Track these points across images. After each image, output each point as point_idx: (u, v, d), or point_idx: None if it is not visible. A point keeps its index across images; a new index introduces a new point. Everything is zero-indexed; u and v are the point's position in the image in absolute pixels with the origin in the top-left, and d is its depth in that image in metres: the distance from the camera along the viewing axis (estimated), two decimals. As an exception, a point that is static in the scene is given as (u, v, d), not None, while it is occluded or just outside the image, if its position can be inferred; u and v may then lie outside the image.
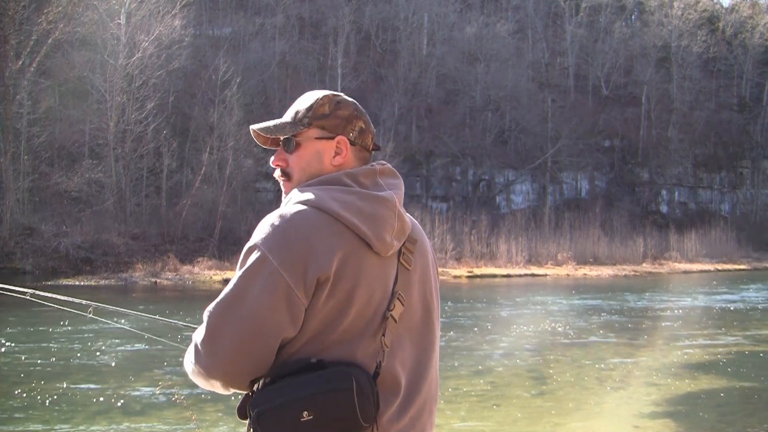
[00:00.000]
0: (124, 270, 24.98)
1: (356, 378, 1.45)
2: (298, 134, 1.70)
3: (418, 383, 1.64)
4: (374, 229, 1.56)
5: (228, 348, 1.52)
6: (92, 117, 29.92)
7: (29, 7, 27.44)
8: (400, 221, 1.63)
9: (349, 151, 1.68)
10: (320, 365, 1.48)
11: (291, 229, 1.52)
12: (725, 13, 61.51)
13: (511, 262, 33.28)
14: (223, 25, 45.25)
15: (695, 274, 35.65)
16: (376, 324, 1.57)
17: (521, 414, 7.96)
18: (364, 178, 1.64)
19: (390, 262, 1.62)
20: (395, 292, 1.60)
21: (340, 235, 1.53)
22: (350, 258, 1.53)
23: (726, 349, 12.77)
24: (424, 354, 1.68)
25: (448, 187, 43.68)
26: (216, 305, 1.55)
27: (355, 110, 1.71)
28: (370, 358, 1.54)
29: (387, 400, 1.56)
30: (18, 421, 7.31)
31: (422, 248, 1.72)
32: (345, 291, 1.52)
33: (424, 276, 1.71)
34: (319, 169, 1.68)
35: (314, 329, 1.53)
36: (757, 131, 55.62)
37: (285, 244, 1.50)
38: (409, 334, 1.65)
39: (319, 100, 1.70)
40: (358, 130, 1.69)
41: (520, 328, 14.86)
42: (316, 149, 1.69)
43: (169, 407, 7.51)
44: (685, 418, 8.06)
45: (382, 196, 1.61)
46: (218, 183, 31.15)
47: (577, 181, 48.47)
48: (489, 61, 47.20)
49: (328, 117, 1.68)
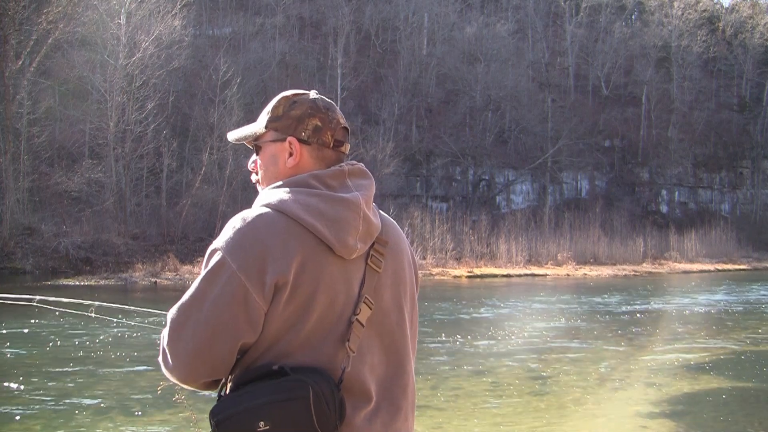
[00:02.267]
0: (124, 270, 24.98)
1: (313, 386, 1.43)
2: (259, 138, 1.70)
3: (390, 388, 1.62)
4: (336, 231, 1.53)
5: (186, 351, 1.51)
6: (92, 117, 29.92)
7: (29, 7, 27.41)
8: (365, 223, 1.59)
9: (303, 151, 1.65)
10: (282, 372, 1.46)
11: (250, 232, 1.50)
12: (725, 13, 61.53)
13: (511, 262, 33.28)
14: (223, 25, 45.25)
15: (695, 274, 35.64)
16: (341, 329, 1.54)
17: (521, 414, 7.96)
18: (332, 180, 1.61)
19: (355, 265, 1.59)
20: (361, 296, 1.57)
21: (300, 238, 1.51)
22: (310, 262, 1.51)
23: (726, 349, 12.77)
24: (396, 358, 1.64)
25: (448, 187, 43.68)
26: (177, 308, 1.54)
27: (311, 108, 1.66)
28: (334, 363, 1.51)
29: (355, 407, 1.53)
30: (18, 422, 7.31)
31: (395, 250, 1.69)
32: (305, 295, 1.50)
33: (396, 278, 1.67)
34: (275, 171, 1.67)
35: (275, 334, 1.50)
36: (757, 131, 55.62)
37: (244, 248, 1.49)
38: (381, 338, 1.62)
39: (276, 103, 1.69)
40: (312, 129, 1.65)
41: (520, 328, 14.86)
42: (271, 152, 1.68)
43: (169, 407, 7.51)
44: (685, 418, 8.06)
45: (346, 198, 1.58)
46: (218, 183, 31.15)
47: (577, 181, 48.47)
48: (489, 61, 47.19)
49: (281, 118, 1.66)
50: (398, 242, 1.72)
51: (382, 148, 36.27)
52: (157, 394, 7.37)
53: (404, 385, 1.65)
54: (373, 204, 1.67)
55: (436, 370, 10.24)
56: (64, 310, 2.83)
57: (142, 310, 2.92)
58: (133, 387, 8.82)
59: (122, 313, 2.42)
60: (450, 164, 43.87)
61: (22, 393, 8.51)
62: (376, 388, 1.59)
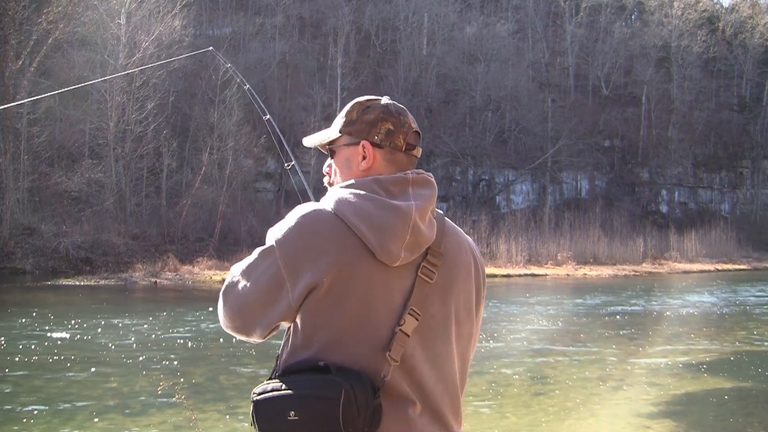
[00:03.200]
0: (124, 270, 24.98)
1: (347, 390, 1.47)
2: (333, 143, 1.79)
3: (432, 399, 1.63)
4: (380, 238, 1.56)
5: (230, 308, 1.69)
6: (92, 117, 29.92)
7: (29, 7, 27.41)
8: (414, 233, 1.60)
9: (376, 155, 1.71)
10: (326, 369, 1.52)
11: (298, 227, 1.60)
12: (725, 13, 61.53)
13: (511, 262, 33.27)
14: (223, 25, 45.26)
15: (695, 274, 35.64)
16: (382, 336, 1.57)
17: (521, 414, 7.96)
18: (394, 186, 1.65)
19: (402, 273, 1.61)
20: (407, 307, 1.60)
21: (344, 239, 1.57)
22: (349, 263, 1.56)
23: (726, 349, 12.77)
24: (440, 369, 1.66)
25: (448, 186, 43.67)
26: (238, 269, 1.69)
27: (383, 112, 1.72)
28: (376, 370, 1.56)
29: (394, 414, 1.56)
30: (18, 421, 7.31)
31: (452, 262, 1.70)
32: (339, 294, 1.55)
33: (449, 290, 1.68)
34: (349, 174, 1.74)
35: (313, 327, 1.57)
36: (757, 131, 55.62)
37: (290, 242, 1.59)
38: (426, 349, 1.64)
39: (350, 108, 1.76)
40: (384, 132, 1.71)
41: (520, 327, 14.86)
42: (345, 156, 1.75)
43: (169, 407, 7.51)
44: (685, 418, 8.06)
45: (399, 207, 1.60)
46: (218, 183, 31.15)
47: (577, 181, 48.47)
48: (489, 61, 47.19)
49: (354, 123, 1.73)
50: (457, 254, 1.72)
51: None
52: (157, 394, 7.39)
53: (446, 395, 1.67)
54: (438, 213, 1.71)
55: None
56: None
57: None
58: (133, 387, 8.82)
59: None
60: (450, 164, 43.87)
61: (22, 393, 8.51)
62: (419, 397, 1.61)
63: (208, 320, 15.11)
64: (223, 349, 11.71)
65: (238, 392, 8.79)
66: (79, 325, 13.67)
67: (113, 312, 16.15)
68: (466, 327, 1.75)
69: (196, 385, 9.06)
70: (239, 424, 7.37)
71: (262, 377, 10.64)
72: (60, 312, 15.69)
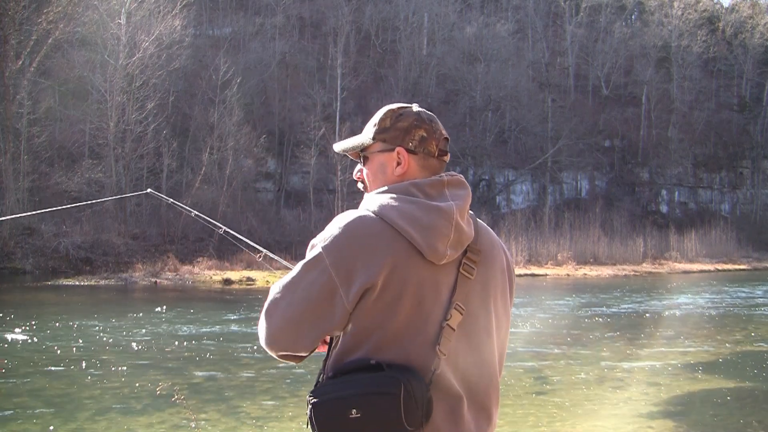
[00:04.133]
0: (124, 270, 24.98)
1: (405, 384, 1.54)
2: (366, 149, 1.84)
3: (477, 390, 1.71)
4: (427, 238, 1.63)
5: (276, 324, 1.69)
6: (92, 117, 29.92)
7: (29, 7, 27.41)
8: (457, 232, 1.68)
9: (410, 161, 1.77)
10: (378, 367, 1.58)
11: (348, 233, 1.64)
12: (725, 13, 61.52)
13: (511, 262, 33.22)
14: (223, 25, 45.26)
15: (695, 274, 35.64)
16: (432, 331, 1.64)
17: (521, 414, 7.96)
18: (431, 189, 1.72)
19: (446, 271, 1.68)
20: (452, 302, 1.67)
21: (393, 242, 1.63)
22: (400, 265, 1.62)
23: (726, 349, 12.77)
24: (483, 361, 1.74)
25: (448, 187, 43.61)
26: (278, 286, 1.71)
27: (416, 120, 1.78)
28: (426, 364, 1.62)
29: (442, 407, 1.63)
30: (18, 422, 7.31)
31: (488, 258, 1.78)
32: (392, 296, 1.61)
33: (487, 285, 1.76)
34: (384, 180, 1.79)
35: (366, 330, 1.62)
36: (757, 131, 55.60)
37: (340, 247, 1.63)
38: (469, 342, 1.70)
39: (383, 115, 1.81)
40: (418, 139, 1.77)
41: (520, 328, 14.86)
42: (380, 162, 1.81)
43: (169, 407, 7.51)
44: (685, 418, 8.06)
45: (441, 207, 1.68)
46: (218, 183, 31.15)
47: (577, 181, 48.47)
48: (489, 61, 47.18)
49: (388, 130, 1.78)
50: (491, 250, 1.80)
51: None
52: (157, 394, 7.39)
53: (489, 387, 1.75)
54: (470, 213, 1.78)
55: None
56: (240, 246, 3.07)
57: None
58: (133, 387, 8.82)
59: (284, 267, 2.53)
60: (450, 164, 43.46)
61: (22, 393, 8.52)
62: (464, 389, 1.68)
63: (207, 320, 15.11)
64: (223, 349, 11.71)
65: (238, 392, 8.80)
66: (79, 325, 13.67)
67: (113, 312, 16.15)
68: (504, 320, 1.84)
69: (196, 385, 9.06)
70: (239, 424, 7.37)
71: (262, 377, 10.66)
72: (60, 312, 15.69)
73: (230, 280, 24.43)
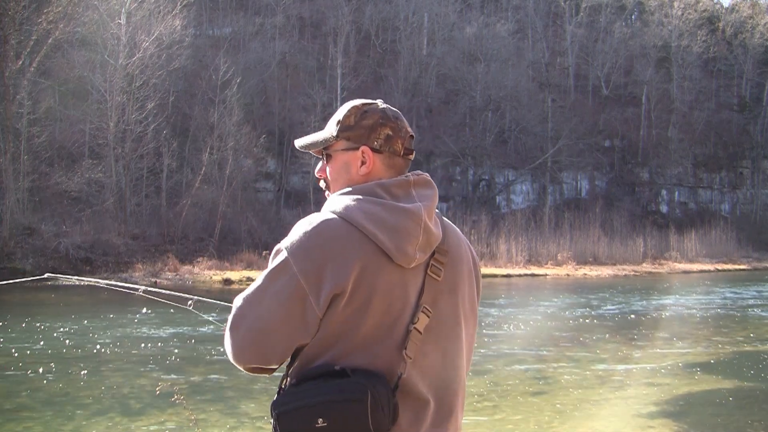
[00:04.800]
0: (124, 270, 24.98)
1: (372, 390, 1.50)
2: (329, 147, 1.76)
3: (444, 394, 1.68)
4: (396, 240, 1.59)
5: (243, 338, 1.61)
6: (92, 117, 29.91)
7: (29, 7, 27.39)
8: (426, 234, 1.63)
9: (375, 160, 1.71)
10: (343, 373, 1.54)
11: (314, 237, 1.58)
12: (725, 13, 61.50)
13: (511, 262, 33.27)
14: (223, 25, 45.24)
15: (695, 274, 35.63)
16: (399, 335, 1.60)
17: (521, 414, 7.96)
18: (397, 189, 1.67)
19: (414, 273, 1.64)
20: (420, 305, 1.63)
21: (360, 245, 1.57)
22: (368, 269, 1.57)
23: (725, 349, 12.77)
24: (451, 364, 1.70)
25: (448, 187, 43.65)
26: (242, 298, 1.64)
27: (381, 117, 1.72)
28: (392, 369, 1.58)
29: (408, 411, 1.59)
30: (18, 421, 7.31)
31: (455, 259, 1.74)
32: (361, 300, 1.56)
33: (455, 286, 1.72)
34: (347, 180, 1.73)
35: (333, 335, 1.58)
36: (757, 131, 55.59)
37: (307, 252, 1.57)
38: (437, 345, 1.67)
39: (347, 112, 1.74)
40: (384, 138, 1.71)
41: (520, 328, 14.86)
42: (344, 161, 1.74)
43: (169, 407, 7.51)
44: (685, 418, 8.06)
45: (408, 209, 1.62)
46: (218, 183, 31.14)
47: (577, 181, 48.46)
48: (489, 61, 47.17)
49: (352, 128, 1.72)
50: (459, 251, 1.76)
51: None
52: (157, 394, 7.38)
53: (456, 390, 1.72)
54: (436, 212, 1.73)
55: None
56: (165, 301, 2.96)
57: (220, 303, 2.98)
58: (133, 387, 8.82)
59: (219, 309, 2.50)
60: (450, 164, 43.86)
61: (21, 393, 8.51)
62: (430, 392, 1.65)
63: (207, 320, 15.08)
64: (222, 349, 11.69)
65: (238, 392, 8.79)
66: (79, 325, 13.67)
67: (113, 312, 16.14)
68: (471, 321, 1.79)
69: (196, 385, 9.06)
70: (239, 424, 7.37)
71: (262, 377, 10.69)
72: (59, 312, 15.69)
73: (230, 280, 24.43)
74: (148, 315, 15.51)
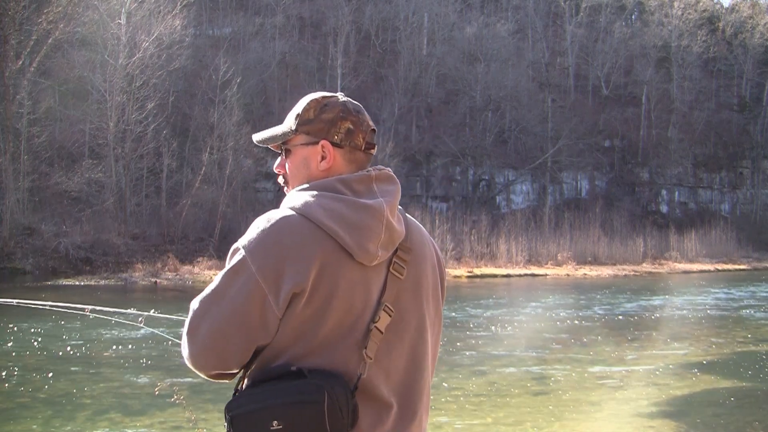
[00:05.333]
0: (124, 270, 24.98)
1: (329, 391, 1.45)
2: (288, 142, 1.71)
3: (407, 394, 1.62)
4: (357, 238, 1.54)
5: (202, 342, 1.54)
6: (92, 117, 29.92)
7: (29, 7, 27.41)
8: (388, 231, 1.59)
9: (336, 155, 1.66)
10: (299, 374, 1.48)
11: (273, 234, 1.52)
12: (725, 13, 61.51)
13: (511, 262, 33.27)
14: (223, 25, 45.24)
15: (695, 274, 35.63)
16: (359, 335, 1.55)
17: (521, 414, 7.96)
18: (358, 184, 1.61)
19: (376, 271, 1.59)
20: (381, 303, 1.58)
21: (321, 242, 1.52)
22: (328, 267, 1.51)
23: (725, 350, 12.77)
24: (414, 364, 1.65)
25: (448, 187, 43.67)
26: (199, 301, 1.57)
27: (342, 111, 1.66)
28: (351, 369, 1.53)
29: (370, 414, 1.54)
30: (18, 421, 7.31)
31: (418, 256, 1.68)
32: (322, 299, 1.51)
33: (418, 285, 1.67)
34: (307, 174, 1.68)
35: (293, 335, 1.52)
36: (757, 131, 55.60)
37: (265, 250, 1.51)
38: (400, 344, 1.62)
39: (306, 105, 1.68)
40: (344, 132, 1.65)
41: (520, 328, 14.86)
42: (303, 156, 1.68)
43: (169, 407, 7.51)
44: (685, 418, 8.06)
45: (369, 205, 1.58)
46: (218, 183, 31.15)
47: (577, 181, 48.46)
48: (489, 61, 47.18)
49: (312, 122, 1.66)
50: (422, 248, 1.71)
51: (382, 148, 36.27)
52: (157, 394, 7.38)
53: (420, 391, 1.66)
54: (399, 209, 1.67)
55: (436, 370, 10.22)
56: (116, 320, 2.91)
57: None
58: (133, 387, 8.82)
59: (169, 322, 2.48)
60: (450, 164, 43.86)
61: (21, 392, 8.51)
62: (392, 393, 1.60)
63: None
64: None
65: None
66: (79, 325, 13.67)
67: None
68: (436, 320, 1.74)
69: (196, 386, 9.06)
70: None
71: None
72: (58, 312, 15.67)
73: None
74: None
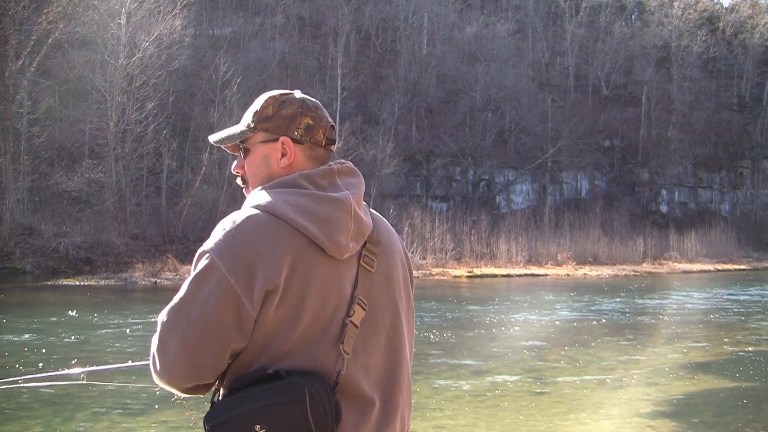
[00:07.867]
0: (124, 270, 24.98)
1: (310, 389, 1.41)
2: (246, 140, 1.67)
3: (387, 389, 1.60)
4: (327, 231, 1.51)
5: (175, 354, 1.48)
6: (92, 117, 29.92)
7: (29, 7, 27.42)
8: (357, 222, 1.57)
9: (296, 151, 1.63)
10: (277, 376, 1.44)
11: (240, 234, 1.48)
12: (725, 13, 61.53)
13: (511, 262, 33.28)
14: (223, 25, 45.25)
15: (695, 274, 35.64)
16: (335, 331, 1.52)
17: (521, 414, 7.96)
18: (321, 179, 1.59)
19: (348, 265, 1.56)
20: (355, 297, 1.55)
21: (290, 239, 1.49)
22: (300, 263, 1.48)
23: (725, 349, 12.77)
24: (392, 358, 1.63)
25: (448, 187, 43.68)
26: (167, 312, 1.51)
27: (301, 107, 1.64)
28: (329, 366, 1.50)
29: (350, 408, 1.52)
30: (18, 421, 7.31)
31: (388, 248, 1.67)
32: (296, 297, 1.48)
33: (390, 277, 1.65)
34: (267, 173, 1.65)
35: (267, 337, 1.48)
36: (757, 131, 55.62)
37: (233, 251, 1.46)
38: (376, 338, 1.59)
39: (264, 103, 1.66)
40: (304, 127, 1.63)
41: (520, 327, 14.86)
42: (263, 153, 1.65)
43: (169, 407, 7.50)
44: (685, 418, 8.05)
45: (337, 198, 1.56)
46: (218, 183, 31.15)
47: (577, 181, 48.48)
48: (489, 61, 47.19)
49: (271, 118, 1.64)
50: (390, 241, 1.70)
51: (382, 148, 36.28)
52: (157, 394, 7.38)
53: (400, 385, 1.63)
54: (363, 203, 1.65)
55: (435, 370, 10.24)
56: (55, 383, 2.81)
57: (138, 363, 2.84)
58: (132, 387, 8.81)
59: (117, 372, 2.38)
60: (450, 164, 43.87)
61: (22, 392, 8.50)
62: (373, 389, 1.57)
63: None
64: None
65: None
66: (79, 325, 13.67)
67: (113, 312, 16.14)
68: (409, 313, 1.73)
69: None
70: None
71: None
72: (59, 312, 15.69)
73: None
74: (146, 315, 15.51)
